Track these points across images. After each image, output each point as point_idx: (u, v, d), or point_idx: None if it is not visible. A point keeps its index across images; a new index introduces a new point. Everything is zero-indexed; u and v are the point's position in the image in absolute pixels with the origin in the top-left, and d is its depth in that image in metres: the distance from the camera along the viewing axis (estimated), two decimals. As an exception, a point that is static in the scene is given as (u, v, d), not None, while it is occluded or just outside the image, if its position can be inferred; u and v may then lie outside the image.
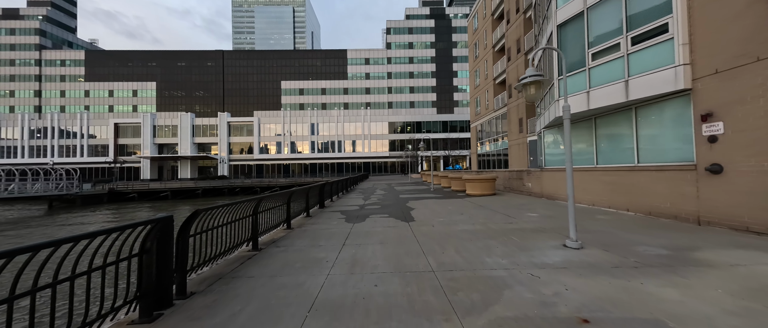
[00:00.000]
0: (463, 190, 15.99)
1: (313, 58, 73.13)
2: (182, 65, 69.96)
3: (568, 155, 4.75)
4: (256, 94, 71.46)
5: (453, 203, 10.92)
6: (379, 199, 13.31)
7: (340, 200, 13.08)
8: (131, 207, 32.02)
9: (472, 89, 30.55)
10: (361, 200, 13.20)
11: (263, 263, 4.39)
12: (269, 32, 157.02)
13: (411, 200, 12.45)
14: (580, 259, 4.09)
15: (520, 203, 10.11)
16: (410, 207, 10.15)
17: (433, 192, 15.94)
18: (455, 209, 9.35)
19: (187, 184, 47.43)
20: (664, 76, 6.51)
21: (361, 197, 14.22)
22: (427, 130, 65.10)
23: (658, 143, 7.11)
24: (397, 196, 14.42)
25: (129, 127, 58.96)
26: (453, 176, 16.52)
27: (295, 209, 7.81)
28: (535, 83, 4.76)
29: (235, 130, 60.80)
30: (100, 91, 67.10)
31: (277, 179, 57.93)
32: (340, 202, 12.42)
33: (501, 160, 24.05)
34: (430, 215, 8.39)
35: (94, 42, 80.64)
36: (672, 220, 6.46)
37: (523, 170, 13.15)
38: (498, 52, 24.58)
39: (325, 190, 11.01)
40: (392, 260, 4.30)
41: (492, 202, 10.77)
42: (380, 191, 17.62)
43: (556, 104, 9.38)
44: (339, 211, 9.68)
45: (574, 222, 4.68)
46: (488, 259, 4.21)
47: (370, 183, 28.66)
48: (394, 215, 8.61)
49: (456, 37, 73.24)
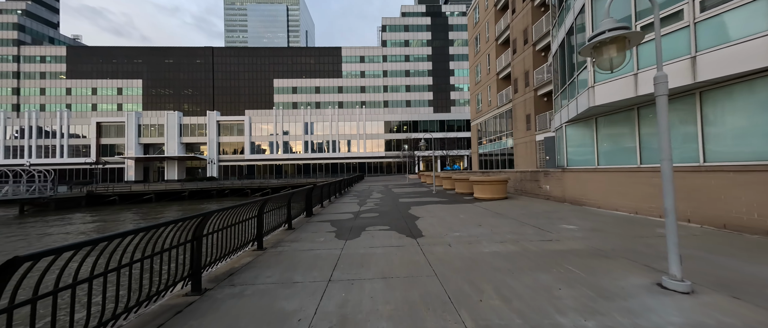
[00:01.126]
0: (469, 193, 14.45)
1: (306, 55, 71.18)
2: (170, 62, 67.40)
3: (665, 146, 3.16)
4: (247, 93, 69.23)
5: (464, 209, 9.34)
6: (377, 204, 11.68)
7: (331, 206, 11.43)
8: (110, 212, 29.85)
9: (473, 86, 29.11)
10: (356, 205, 11.56)
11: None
12: (262, 31, 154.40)
13: (413, 205, 10.84)
14: (707, 316, 2.51)
15: (544, 210, 8.56)
16: (414, 215, 8.54)
17: (435, 195, 14.36)
18: (469, 217, 7.77)
19: (173, 186, 45.18)
20: (756, 46, 4.99)
21: (356, 202, 12.57)
22: (423, 130, 63.64)
23: (737, 136, 5.59)
24: (397, 200, 12.81)
25: (112, 126, 56.31)
26: (458, 177, 14.97)
27: (273, 222, 6.14)
28: (617, 41, 3.16)
29: (224, 129, 58.54)
30: (83, 88, 64.21)
31: (268, 180, 55.88)
32: (331, 208, 10.76)
33: (505, 160, 22.61)
34: (441, 226, 6.78)
35: (78, 38, 77.49)
36: (763, 236, 4.95)
37: (539, 171, 11.64)
38: (501, 44, 23.14)
39: (313, 195, 9.34)
40: (405, 321, 2.67)
41: (508, 208, 9.22)
42: (377, 194, 16.00)
43: (588, 92, 7.85)
44: (329, 220, 8.03)
45: (677, 251, 3.09)
46: (560, 317, 2.60)
47: (365, 185, 27.01)
48: (397, 226, 6.98)
49: (453, 34, 71.98)
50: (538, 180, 11.74)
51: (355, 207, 10.90)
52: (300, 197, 8.29)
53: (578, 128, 9.81)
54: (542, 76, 17.37)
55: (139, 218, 26.45)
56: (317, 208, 10.66)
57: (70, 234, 19.27)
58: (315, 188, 9.63)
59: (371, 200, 13.31)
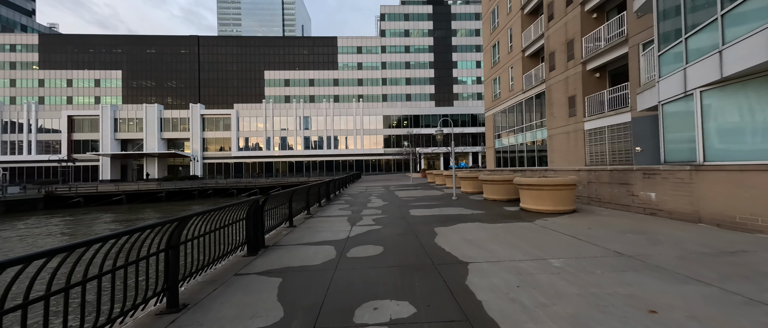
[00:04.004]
0: (507, 200, 10.33)
1: (300, 45, 66.64)
2: (152, 52, 62.57)
3: None
4: (236, 85, 64.62)
5: (526, 235, 5.18)
6: (378, 219, 7.51)
7: (307, 223, 7.24)
8: (70, 217, 25.34)
9: (488, 70, 24.95)
10: (346, 222, 7.36)
11: None
12: (257, 25, 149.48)
13: (435, 224, 6.66)
14: None
15: (693, 241, 4.44)
16: (446, 249, 4.40)
17: (459, 203, 10.20)
18: (564, 262, 3.62)
19: (149, 185, 40.69)
20: None
21: (347, 216, 8.38)
22: (425, 125, 59.49)
23: None
24: (406, 212, 8.63)
25: (86, 120, 51.56)
26: (489, 179, 10.81)
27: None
28: None
29: (209, 123, 53.99)
30: (58, 80, 59.30)
31: (258, 179, 51.51)
32: (306, 229, 6.56)
33: (533, 157, 18.50)
34: (525, 292, 2.62)
35: (54, 27, 72.34)
36: None
37: (631, 170, 7.50)
38: (529, 14, 18.96)
39: (265, 211, 5.15)
40: None
41: (610, 235, 5.09)
42: (377, 200, 11.83)
43: None
44: (287, 267, 3.87)
45: None
46: None
47: (362, 185, 22.83)
48: (425, 290, 2.79)
49: (456, 24, 67.72)
50: (628, 183, 7.59)
51: (343, 227, 6.71)
52: (231, 215, 4.11)
53: (735, 94, 5.64)
54: (595, 44, 13.23)
55: (119, 223, 22.06)
56: (281, 230, 6.47)
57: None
58: (269, 199, 5.40)
59: (369, 211, 9.13)
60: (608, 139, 12.48)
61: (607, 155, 12.58)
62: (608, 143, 12.50)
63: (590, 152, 13.51)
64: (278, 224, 6.29)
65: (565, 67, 14.83)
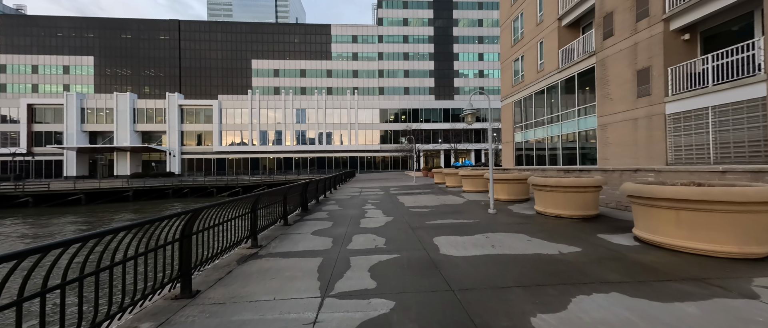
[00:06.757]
0: (582, 218, 6.42)
1: (290, 33, 61.95)
2: (127, 37, 57.30)
3: None
4: (220, 75, 59.72)
5: None
6: (380, 272, 3.43)
7: (272, 246, 3.21)
8: (9, 221, 20.72)
9: (506, 50, 21.02)
10: (313, 281, 3.30)
11: None
12: (249, 17, 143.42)
13: (521, 296, 2.66)
14: None
15: None
16: None
17: (509, 223, 6.22)
18: None
19: (114, 183, 35.98)
20: None
21: (321, 256, 4.31)
22: (424, 119, 55.56)
23: None
24: (427, 241, 4.53)
25: (49, 109, 46.40)
26: (548, 185, 6.83)
27: None
28: None
29: (189, 115, 49.21)
30: (21, 66, 53.74)
31: (241, 176, 47.01)
32: (251, 275, 2.55)
33: (573, 154, 14.63)
34: None
35: (21, 9, 66.36)
36: None
37: None
38: (569, -28, 15.00)
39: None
40: None
41: None
42: (374, 213, 7.79)
43: None
44: None
45: None
46: None
47: (356, 186, 18.79)
48: None
49: (457, 13, 63.68)
50: None
51: (311, 285, 2.65)
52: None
53: None
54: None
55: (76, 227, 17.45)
56: (234, 260, 2.49)
57: None
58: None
59: (362, 236, 5.08)
60: (712, 125, 8.60)
61: (709, 149, 8.70)
62: (711, 132, 8.62)
63: (674, 145, 9.63)
64: (241, 241, 2.27)
65: (631, 31, 10.93)
